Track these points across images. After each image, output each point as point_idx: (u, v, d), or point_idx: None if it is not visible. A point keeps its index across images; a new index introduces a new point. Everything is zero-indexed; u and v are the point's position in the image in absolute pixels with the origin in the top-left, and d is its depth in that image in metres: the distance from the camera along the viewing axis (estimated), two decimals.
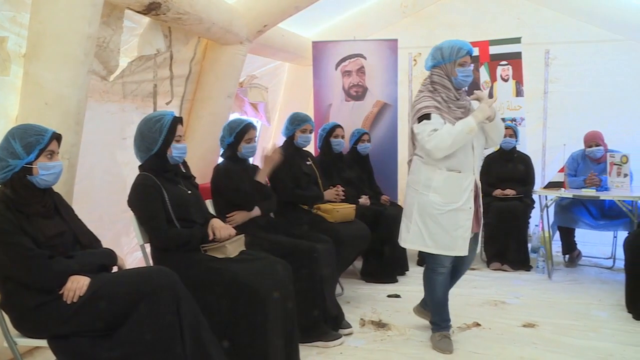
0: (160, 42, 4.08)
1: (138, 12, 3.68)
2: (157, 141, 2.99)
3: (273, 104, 6.64)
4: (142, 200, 3.00)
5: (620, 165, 5.07)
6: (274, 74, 6.66)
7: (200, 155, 4.76)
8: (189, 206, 3.10)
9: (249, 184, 3.79)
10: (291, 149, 4.40)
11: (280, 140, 4.60)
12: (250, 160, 4.06)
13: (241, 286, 2.85)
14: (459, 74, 3.34)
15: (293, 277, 3.20)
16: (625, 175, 5.06)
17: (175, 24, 4.07)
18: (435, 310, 3.67)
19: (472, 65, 3.44)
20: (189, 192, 3.17)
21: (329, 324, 3.68)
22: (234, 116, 5.19)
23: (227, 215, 3.68)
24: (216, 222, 3.14)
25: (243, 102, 5.74)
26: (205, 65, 4.85)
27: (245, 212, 3.74)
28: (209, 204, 3.81)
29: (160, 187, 2.97)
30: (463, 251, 3.41)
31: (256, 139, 3.87)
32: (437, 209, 3.36)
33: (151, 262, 3.14)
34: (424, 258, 5.47)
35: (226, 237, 3.09)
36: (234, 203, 3.76)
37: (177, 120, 3.08)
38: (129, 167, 3.87)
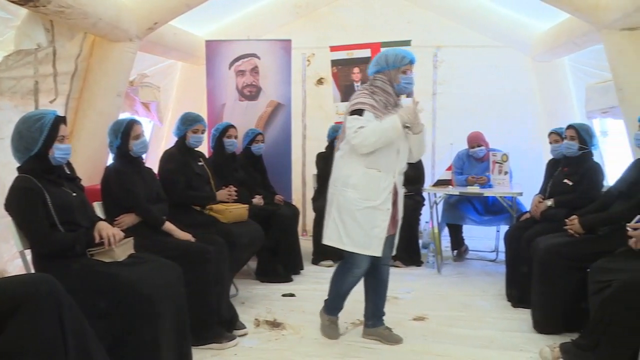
0: (41, 36, 3.86)
1: (13, 2, 3.46)
2: (37, 141, 2.84)
3: (165, 104, 6.49)
4: (20, 203, 2.83)
5: (501, 163, 5.37)
6: (166, 72, 6.51)
7: (88, 155, 4.58)
8: (74, 209, 2.97)
9: (142, 185, 3.69)
10: (183, 149, 4.33)
11: (172, 140, 4.51)
12: (144, 157, 3.95)
13: (130, 290, 2.76)
14: (401, 80, 3.44)
15: (184, 279, 3.14)
16: (506, 173, 5.37)
17: (58, 17, 3.87)
18: (334, 299, 3.75)
19: (413, 73, 3.55)
20: (74, 194, 3.03)
21: (222, 325, 3.65)
22: (124, 116, 5.02)
23: (116, 218, 3.57)
24: (102, 225, 3.02)
25: (134, 102, 5.57)
26: (93, 62, 4.66)
27: (134, 215, 3.64)
28: (98, 206, 3.68)
29: (41, 190, 2.82)
30: (378, 251, 3.44)
31: (143, 133, 3.75)
32: (355, 205, 3.40)
33: (32, 270, 2.97)
34: (319, 257, 5.61)
35: (113, 239, 2.98)
36: (124, 205, 3.64)
37: (60, 120, 2.93)
38: (7, 169, 3.64)
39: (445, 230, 6.01)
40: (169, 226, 3.71)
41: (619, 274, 3.00)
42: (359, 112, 3.33)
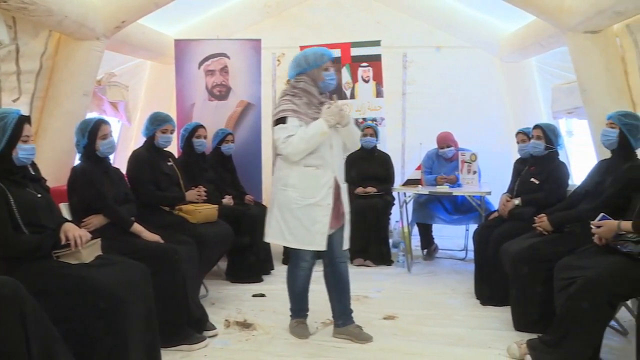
0: (3, 33, 3.76)
1: None
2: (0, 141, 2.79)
3: (134, 103, 6.40)
4: None
5: (470, 163, 5.44)
6: (134, 72, 6.42)
7: (54, 156, 4.50)
8: (39, 210, 2.91)
9: (109, 186, 3.65)
10: (151, 149, 4.29)
11: (141, 140, 4.46)
12: (111, 158, 3.90)
13: (97, 293, 2.72)
14: (325, 77, 3.52)
15: (153, 280, 3.11)
16: (475, 172, 5.44)
17: (21, 14, 3.78)
18: (294, 300, 3.83)
19: (334, 69, 3.64)
20: (39, 195, 2.97)
21: (192, 326, 3.62)
22: (91, 115, 4.95)
23: (83, 219, 3.52)
24: (68, 226, 2.97)
25: (102, 101, 5.49)
26: (59, 60, 4.58)
27: (102, 216, 3.59)
28: (64, 207, 3.63)
29: (4, 191, 2.76)
30: (321, 246, 3.52)
31: (111, 133, 3.71)
32: (295, 204, 3.48)
33: None
34: (289, 257, 5.58)
35: (80, 241, 2.94)
36: (92, 206, 3.59)
37: (24, 119, 2.88)
38: None
39: (415, 230, 6.05)
40: (137, 227, 3.67)
41: (583, 270, 3.06)
42: (282, 120, 3.40)
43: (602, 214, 3.21)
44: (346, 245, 3.74)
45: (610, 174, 3.53)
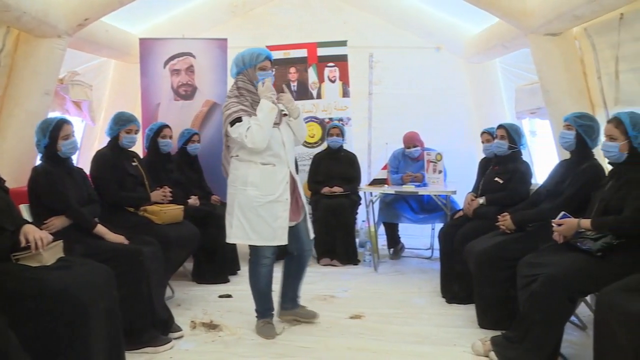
0: None
1: None
2: None
3: (98, 103, 6.29)
4: None
5: (435, 162, 5.49)
6: (98, 70, 6.32)
7: (15, 156, 4.42)
8: None
9: (72, 187, 3.59)
10: (116, 149, 4.23)
11: (106, 140, 4.39)
12: (74, 159, 3.84)
13: (59, 296, 2.66)
14: (260, 77, 3.63)
15: (118, 282, 3.07)
16: (440, 171, 5.49)
17: None
18: (259, 300, 3.85)
19: (273, 70, 3.81)
20: None
21: (158, 328, 3.58)
22: (54, 115, 4.86)
23: (45, 221, 3.45)
24: (29, 228, 2.91)
25: (64, 100, 5.40)
26: (18, 58, 4.49)
27: (64, 217, 3.53)
28: (25, 209, 3.55)
29: None
30: (283, 240, 3.65)
31: (73, 133, 3.65)
32: (256, 202, 3.59)
33: None
34: None
35: (40, 243, 2.88)
36: (53, 208, 3.53)
37: None
38: None
39: (382, 229, 6.08)
40: (100, 229, 3.62)
41: (544, 268, 3.12)
42: (238, 119, 3.51)
43: (562, 213, 3.28)
44: (312, 234, 3.90)
45: (569, 174, 3.61)
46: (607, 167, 3.37)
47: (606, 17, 4.14)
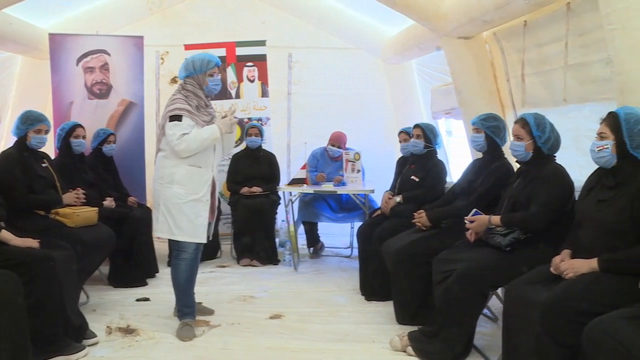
0: None
1: None
2: None
3: (4, 100, 6.00)
4: None
5: (354, 161, 5.57)
6: (3, 66, 6.00)
7: None
8: None
9: None
10: (24, 150, 4.03)
11: (12, 139, 4.18)
12: None
13: None
14: (209, 83, 3.77)
15: (26, 289, 2.95)
16: (358, 171, 5.58)
17: None
18: (180, 297, 3.89)
19: (220, 75, 3.87)
20: None
21: (70, 335, 3.44)
22: None
23: None
24: None
25: None
26: None
27: None
28: None
29: None
30: (203, 238, 3.80)
31: None
32: (181, 199, 3.70)
33: None
34: None
35: None
36: None
37: None
38: None
39: (301, 228, 6.11)
40: (4, 234, 3.40)
41: (458, 264, 3.24)
42: (178, 117, 3.60)
43: (474, 210, 3.41)
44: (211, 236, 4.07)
45: (482, 172, 3.76)
46: (516, 166, 3.52)
47: (512, 23, 4.35)
